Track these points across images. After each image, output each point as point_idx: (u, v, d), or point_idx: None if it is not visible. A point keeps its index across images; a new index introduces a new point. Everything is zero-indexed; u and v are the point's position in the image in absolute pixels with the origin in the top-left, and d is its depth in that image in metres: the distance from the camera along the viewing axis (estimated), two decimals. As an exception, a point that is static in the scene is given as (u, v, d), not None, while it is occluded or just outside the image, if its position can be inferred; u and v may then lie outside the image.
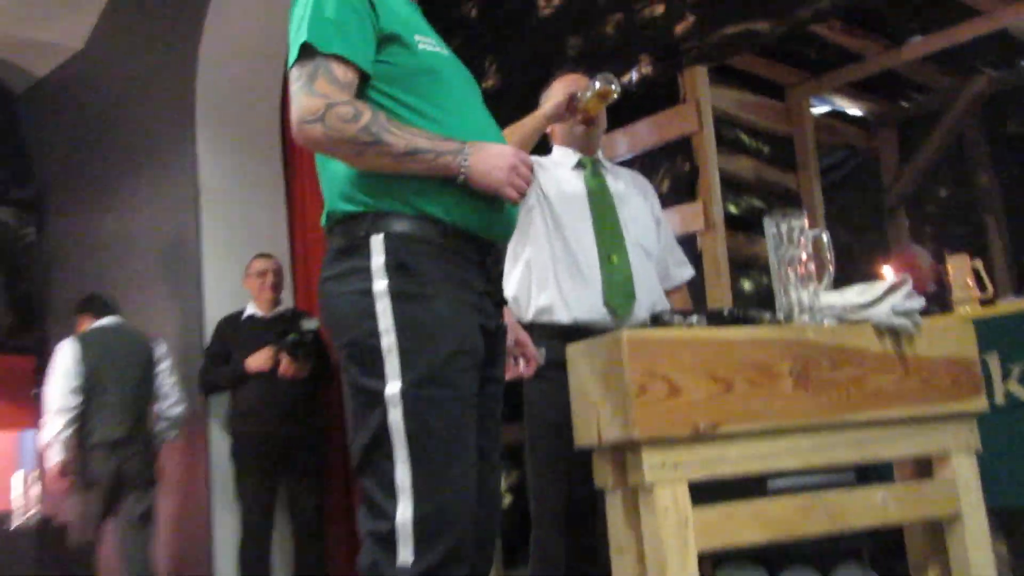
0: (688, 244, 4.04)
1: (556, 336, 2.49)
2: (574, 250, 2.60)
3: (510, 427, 2.82)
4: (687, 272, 2.91)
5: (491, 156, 1.75)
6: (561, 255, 2.60)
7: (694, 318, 1.83)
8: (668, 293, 2.79)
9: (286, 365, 4.29)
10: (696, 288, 3.48)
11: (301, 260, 5.06)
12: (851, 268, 5.27)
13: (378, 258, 1.70)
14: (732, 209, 4.37)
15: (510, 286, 2.66)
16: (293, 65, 1.73)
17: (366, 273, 1.70)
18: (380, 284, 1.69)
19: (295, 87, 1.71)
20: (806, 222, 2.00)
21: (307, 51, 1.71)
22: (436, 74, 1.81)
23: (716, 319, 1.90)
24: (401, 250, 1.71)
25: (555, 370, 2.05)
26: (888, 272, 4.11)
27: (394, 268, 1.69)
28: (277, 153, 5.16)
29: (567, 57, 4.25)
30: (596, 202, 2.68)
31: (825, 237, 2.04)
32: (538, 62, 4.40)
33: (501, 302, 1.90)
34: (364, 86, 1.76)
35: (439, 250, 1.73)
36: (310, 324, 4.35)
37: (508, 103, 4.49)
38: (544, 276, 2.59)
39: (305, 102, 1.68)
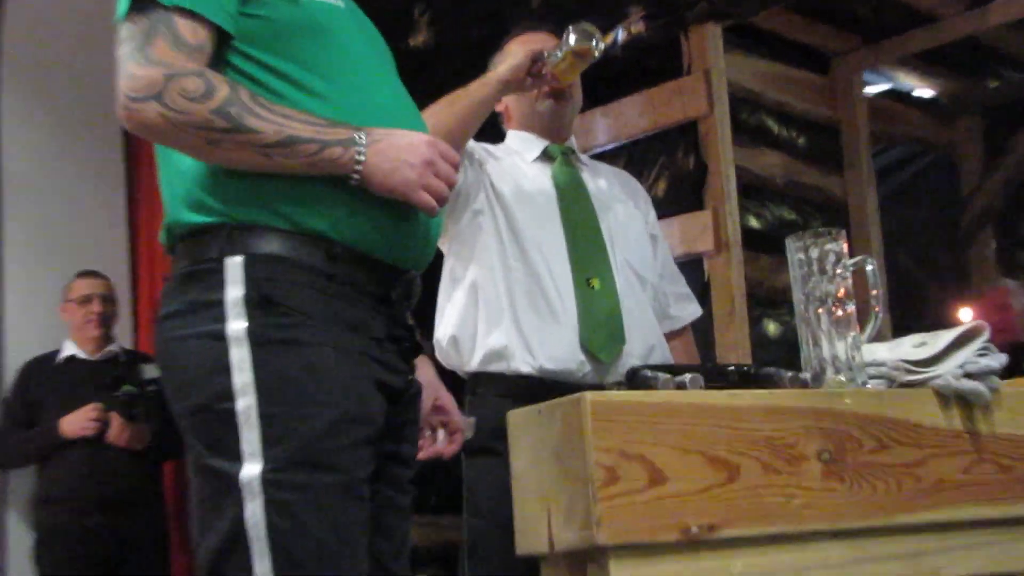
0: (691, 270, 4.06)
1: (513, 392, 2.49)
2: (539, 271, 2.61)
3: (443, 520, 2.79)
4: (692, 310, 2.93)
5: (397, 148, 1.75)
6: (521, 277, 2.61)
7: (687, 376, 1.83)
8: (666, 339, 2.80)
9: (118, 429, 4.24)
10: (701, 332, 3.49)
11: (145, 283, 5.02)
12: (914, 310, 5.33)
13: (235, 289, 1.70)
14: (753, 222, 4.42)
15: (446, 321, 2.67)
16: (122, 20, 1.73)
17: (218, 309, 1.70)
18: (237, 325, 1.69)
19: (123, 50, 1.71)
20: (844, 245, 2.02)
21: (141, 1, 1.71)
22: (325, 32, 1.82)
23: (718, 378, 1.90)
24: (268, 278, 1.71)
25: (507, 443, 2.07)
26: (966, 316, 4.17)
27: (257, 303, 1.69)
28: (116, 135, 5.11)
29: (527, 8, 4.28)
30: (569, 205, 2.70)
31: (871, 267, 2.06)
32: (487, 13, 4.42)
33: (413, 350, 1.90)
34: (224, 50, 1.77)
35: (323, 279, 1.73)
36: (153, 372, 4.31)
37: (444, 69, 4.49)
38: (497, 307, 2.60)
39: (136, 72, 1.68)
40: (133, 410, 4.27)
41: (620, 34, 4.22)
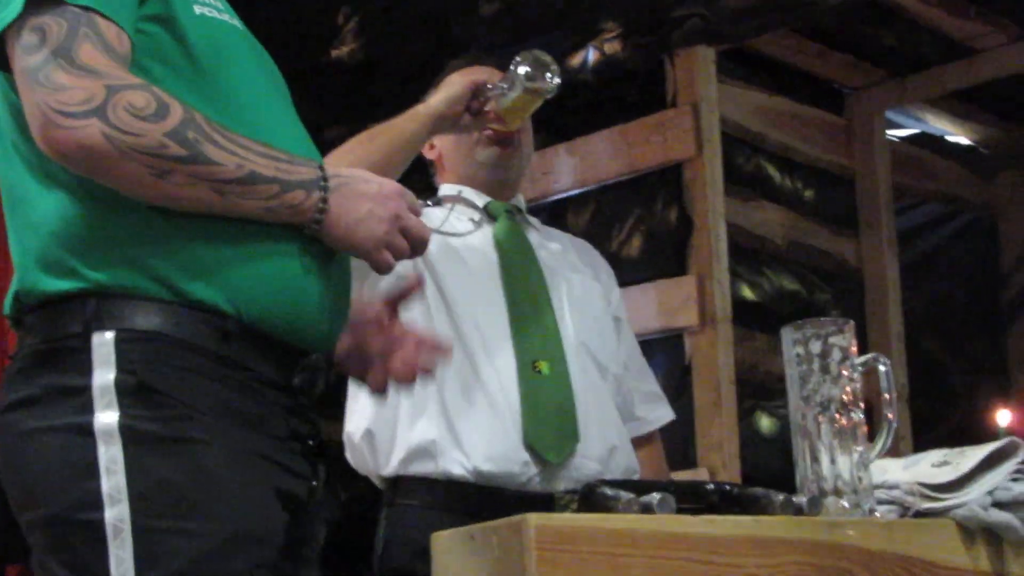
0: (669, 349, 4.07)
1: (442, 502, 2.52)
2: (474, 350, 2.62)
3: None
4: (662, 413, 2.96)
5: (364, 196, 1.80)
6: (452, 358, 2.60)
7: (655, 496, 1.84)
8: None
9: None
10: (679, 426, 3.50)
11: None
12: (939, 407, 5.33)
13: (104, 372, 1.69)
14: (746, 293, 4.45)
15: (360, 413, 2.67)
16: (13, 22, 1.69)
17: (83, 397, 1.68)
18: (107, 417, 1.67)
19: (32, 59, 1.66)
20: (853, 340, 2.04)
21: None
22: (219, 55, 1.83)
23: (693, 499, 1.91)
24: (146, 360, 1.70)
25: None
26: (1004, 419, 4.20)
27: (132, 391, 1.68)
28: None
29: (479, 20, 4.31)
30: (513, 273, 2.72)
31: (884, 367, 2.08)
32: (427, 21, 4.45)
33: (319, 450, 1.90)
34: None
35: (213, 363, 1.74)
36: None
37: (373, 88, 4.52)
38: (420, 392, 2.59)
39: (64, 81, 1.64)
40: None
41: (591, 55, 4.25)
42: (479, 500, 2.49)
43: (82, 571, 1.66)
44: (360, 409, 2.66)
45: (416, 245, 1.86)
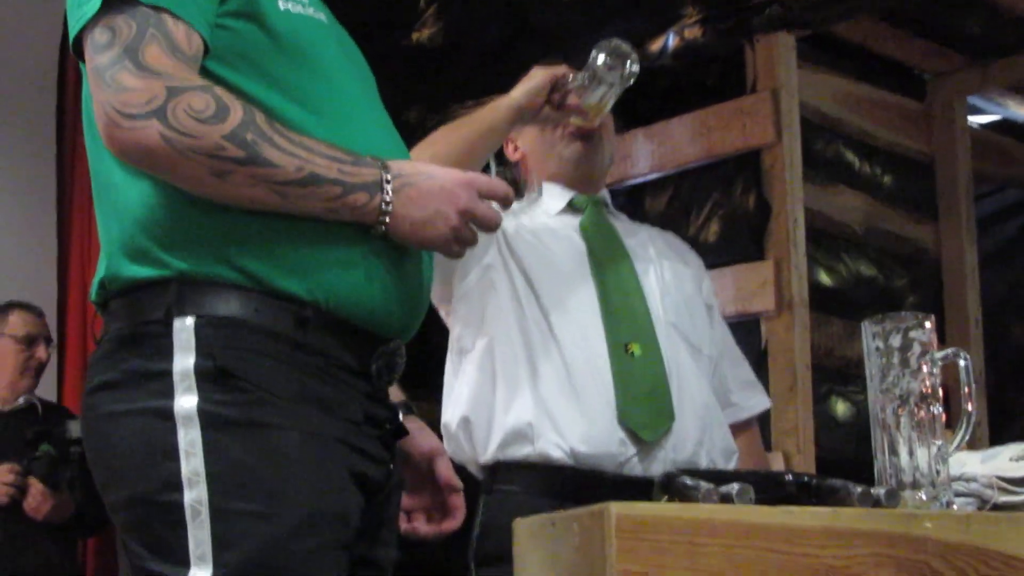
0: (745, 333, 4.06)
1: (541, 486, 2.51)
2: (563, 334, 2.61)
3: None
4: (759, 400, 2.94)
5: (429, 193, 1.79)
6: (541, 344, 2.61)
7: (734, 487, 1.83)
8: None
9: (38, 499, 4.25)
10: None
11: (75, 324, 5.08)
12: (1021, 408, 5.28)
13: (185, 357, 1.71)
14: (823, 278, 4.43)
15: (455, 400, 2.67)
16: (92, 22, 1.73)
17: (163, 381, 1.71)
18: (186, 402, 1.70)
19: (102, 58, 1.70)
20: (933, 334, 2.02)
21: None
22: (307, 52, 1.85)
23: (772, 489, 1.90)
24: (225, 346, 1.72)
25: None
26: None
27: (211, 375, 1.71)
28: (50, 154, 5.28)
29: (558, 5, 4.30)
30: (601, 259, 2.71)
31: (964, 362, 2.06)
32: (511, 8, 4.45)
33: (396, 434, 1.92)
34: None
35: (291, 349, 1.75)
36: (79, 430, 4.31)
37: (453, 71, 4.53)
38: (515, 377, 2.60)
39: (128, 82, 1.68)
40: (55, 474, 4.26)
41: (671, 40, 4.24)
42: (578, 484, 2.48)
43: (162, 551, 1.69)
44: (455, 397, 2.67)
45: (486, 231, 1.87)
